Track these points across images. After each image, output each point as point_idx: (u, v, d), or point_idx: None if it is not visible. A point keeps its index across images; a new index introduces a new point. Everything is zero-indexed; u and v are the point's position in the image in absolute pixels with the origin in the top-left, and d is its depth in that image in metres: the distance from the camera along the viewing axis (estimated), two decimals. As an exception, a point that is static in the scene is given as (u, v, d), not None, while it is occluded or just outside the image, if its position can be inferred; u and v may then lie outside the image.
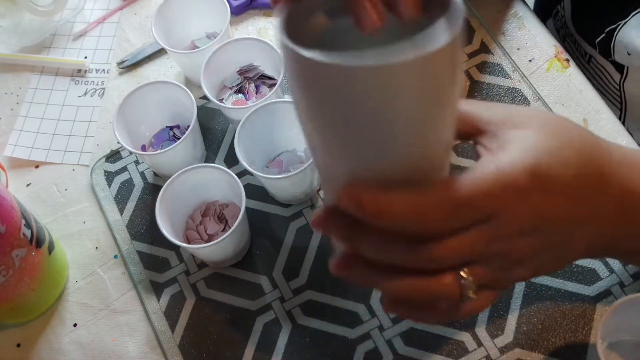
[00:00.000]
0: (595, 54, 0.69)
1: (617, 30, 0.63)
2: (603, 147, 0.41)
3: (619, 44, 0.63)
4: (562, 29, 0.75)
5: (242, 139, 0.58)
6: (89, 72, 0.74)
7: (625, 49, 0.63)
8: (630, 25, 0.62)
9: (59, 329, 0.61)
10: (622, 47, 0.63)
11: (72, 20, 0.78)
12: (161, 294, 0.61)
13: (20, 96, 0.74)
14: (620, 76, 0.67)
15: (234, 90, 0.67)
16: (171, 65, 0.73)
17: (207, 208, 0.62)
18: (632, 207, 0.41)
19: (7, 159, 0.70)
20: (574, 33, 0.72)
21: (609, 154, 0.41)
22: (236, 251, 0.60)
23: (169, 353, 0.58)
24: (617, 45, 0.64)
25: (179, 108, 0.64)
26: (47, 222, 0.66)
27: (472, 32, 0.69)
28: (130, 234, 0.64)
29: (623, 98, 0.69)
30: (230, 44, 0.64)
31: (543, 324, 0.55)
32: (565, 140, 0.39)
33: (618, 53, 0.64)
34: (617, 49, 0.64)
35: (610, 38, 0.64)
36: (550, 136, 0.38)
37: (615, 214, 0.40)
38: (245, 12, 0.75)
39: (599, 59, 0.69)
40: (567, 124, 0.40)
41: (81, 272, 0.63)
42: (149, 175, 0.67)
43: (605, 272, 0.57)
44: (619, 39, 0.63)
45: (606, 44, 0.65)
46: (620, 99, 0.70)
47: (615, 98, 0.70)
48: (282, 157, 0.64)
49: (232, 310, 0.59)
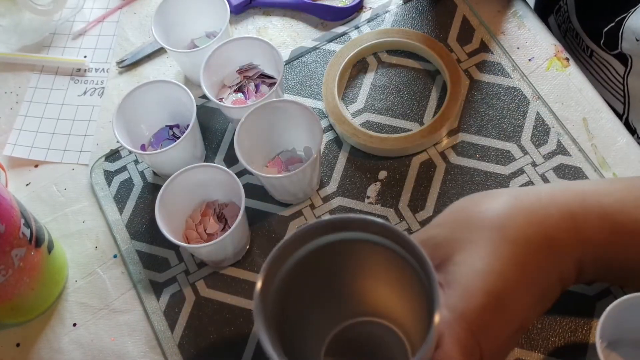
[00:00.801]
0: (597, 49, 0.69)
1: (626, 19, 0.63)
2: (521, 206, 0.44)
3: (627, 30, 0.63)
4: (564, 24, 0.75)
5: (242, 138, 0.58)
6: (89, 71, 0.74)
7: (634, 36, 0.62)
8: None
9: (59, 329, 0.61)
10: (631, 33, 0.63)
11: (72, 20, 0.78)
12: (161, 293, 0.61)
13: (20, 95, 0.74)
14: (625, 69, 0.67)
15: (233, 90, 0.67)
16: (171, 64, 0.73)
17: (206, 207, 0.62)
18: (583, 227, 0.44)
19: (7, 158, 0.70)
20: (577, 28, 0.72)
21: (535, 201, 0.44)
22: (236, 251, 0.60)
23: (169, 352, 0.58)
24: (625, 32, 0.63)
25: (179, 107, 0.64)
26: (46, 222, 0.66)
27: (471, 31, 0.69)
28: (130, 233, 0.64)
29: (626, 92, 0.69)
30: (229, 43, 0.64)
31: (542, 324, 0.55)
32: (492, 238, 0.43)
33: (626, 40, 0.64)
34: (625, 35, 0.64)
35: (619, 26, 0.64)
36: (481, 252, 0.42)
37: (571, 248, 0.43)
38: (245, 11, 0.75)
39: (602, 53, 0.69)
40: (480, 215, 0.44)
41: (81, 272, 0.63)
42: (148, 174, 0.67)
43: (605, 272, 0.56)
44: (627, 26, 0.63)
45: (614, 33, 0.65)
46: (623, 93, 0.70)
47: (619, 92, 0.70)
48: (282, 156, 0.64)
49: (231, 310, 0.59)
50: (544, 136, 0.63)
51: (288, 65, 0.70)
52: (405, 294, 0.47)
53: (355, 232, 0.44)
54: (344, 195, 0.63)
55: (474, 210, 0.45)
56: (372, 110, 0.66)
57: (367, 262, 0.47)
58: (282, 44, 0.72)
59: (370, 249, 0.44)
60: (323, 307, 0.50)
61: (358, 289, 0.50)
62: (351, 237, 0.44)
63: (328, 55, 0.70)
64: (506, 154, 0.63)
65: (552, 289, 0.44)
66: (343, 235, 0.44)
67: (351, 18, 0.72)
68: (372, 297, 0.51)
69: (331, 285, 0.49)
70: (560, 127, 0.63)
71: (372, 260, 0.46)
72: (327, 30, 0.72)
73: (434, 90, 0.67)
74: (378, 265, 0.46)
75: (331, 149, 0.65)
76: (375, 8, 0.73)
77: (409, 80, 0.67)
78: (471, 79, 0.66)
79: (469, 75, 0.67)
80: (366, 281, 0.49)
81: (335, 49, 0.70)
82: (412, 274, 0.43)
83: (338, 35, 0.71)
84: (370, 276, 0.48)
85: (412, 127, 0.65)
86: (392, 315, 0.52)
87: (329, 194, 0.63)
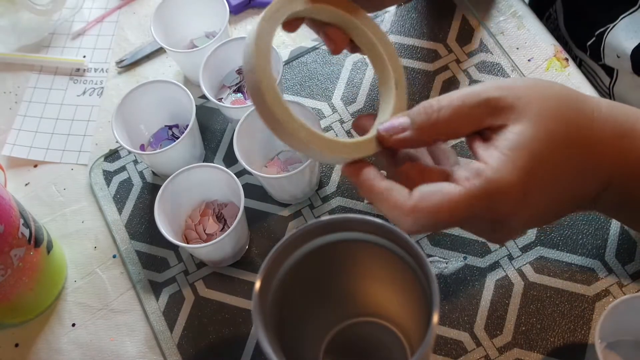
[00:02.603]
0: (586, 58, 0.69)
1: (606, 34, 0.63)
2: (588, 110, 0.43)
3: (608, 46, 0.63)
4: (555, 32, 0.75)
5: (241, 138, 0.58)
6: (88, 71, 0.74)
7: (614, 52, 0.63)
8: (619, 28, 0.62)
9: (58, 329, 0.61)
10: (612, 50, 0.63)
11: (71, 19, 0.77)
12: (160, 293, 0.61)
13: (19, 95, 0.74)
14: (610, 80, 0.67)
15: (232, 90, 0.67)
16: (170, 64, 0.73)
17: (206, 207, 0.62)
18: (626, 148, 0.42)
19: (6, 158, 0.70)
20: (566, 36, 0.72)
21: (595, 110, 0.43)
22: (235, 251, 0.60)
23: (168, 353, 0.58)
24: (606, 48, 0.64)
25: (178, 107, 0.64)
26: (45, 222, 0.66)
27: (471, 31, 0.69)
28: (129, 233, 0.64)
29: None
30: (229, 43, 0.64)
31: (542, 324, 0.55)
32: (557, 124, 0.41)
33: (608, 56, 0.64)
34: (606, 52, 0.64)
35: (600, 41, 0.64)
36: (543, 127, 0.40)
37: (611, 160, 0.42)
38: (244, 11, 0.75)
39: (590, 63, 0.69)
40: (558, 101, 0.42)
41: (80, 272, 0.63)
42: (147, 174, 0.67)
43: (604, 272, 0.57)
44: (608, 42, 0.63)
45: (596, 48, 0.65)
46: None
47: None
48: (281, 156, 0.64)
49: (230, 310, 0.59)
50: (543, 136, 0.63)
51: (287, 65, 0.70)
52: (403, 294, 0.47)
53: (354, 232, 0.44)
54: (343, 195, 0.63)
55: (542, 95, 0.43)
56: (372, 109, 0.66)
57: (366, 262, 0.47)
58: (281, 44, 0.72)
59: (369, 249, 0.44)
60: (322, 307, 0.50)
61: (357, 289, 0.50)
62: (350, 237, 0.44)
63: (327, 55, 0.70)
64: (505, 154, 0.62)
65: (584, 190, 0.43)
66: (342, 235, 0.44)
67: (350, 18, 0.72)
68: (371, 297, 0.51)
69: (330, 285, 0.49)
70: (560, 127, 0.63)
71: (371, 260, 0.46)
72: (326, 30, 0.72)
73: (434, 90, 0.67)
74: (377, 265, 0.46)
75: (330, 149, 0.65)
76: (375, 8, 0.72)
77: (409, 80, 0.67)
78: (470, 79, 0.66)
79: (469, 75, 0.67)
80: (365, 281, 0.49)
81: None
82: (411, 274, 0.43)
83: (337, 36, 0.71)
84: (369, 276, 0.48)
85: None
86: (390, 315, 0.52)
87: (329, 194, 0.63)
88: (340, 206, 0.62)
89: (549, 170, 0.40)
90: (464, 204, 0.39)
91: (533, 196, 0.40)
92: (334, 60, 0.70)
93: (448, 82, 0.67)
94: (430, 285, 0.39)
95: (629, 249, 0.57)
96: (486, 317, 0.56)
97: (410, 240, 0.41)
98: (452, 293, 0.57)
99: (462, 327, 0.56)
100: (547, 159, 0.40)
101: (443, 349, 0.55)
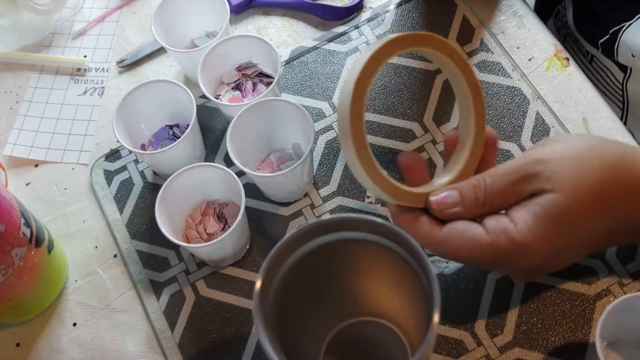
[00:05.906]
0: (597, 54, 0.69)
1: (621, 32, 0.63)
2: (628, 160, 0.47)
3: (623, 45, 0.63)
4: (563, 29, 0.75)
5: (234, 136, 0.58)
6: (89, 71, 0.74)
7: (629, 51, 0.63)
8: (636, 27, 0.62)
9: (59, 329, 0.61)
10: (627, 48, 0.63)
11: (72, 19, 0.78)
12: (161, 293, 0.61)
13: (20, 95, 0.74)
14: (624, 76, 0.67)
15: (231, 87, 0.67)
16: (171, 64, 0.73)
17: (206, 207, 0.62)
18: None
19: (7, 158, 0.70)
20: (576, 33, 0.72)
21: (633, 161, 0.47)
22: (236, 250, 0.60)
23: (169, 352, 0.58)
24: (621, 47, 0.63)
25: (179, 107, 0.64)
26: (46, 221, 0.66)
27: (471, 30, 0.69)
28: (130, 233, 0.64)
29: (625, 97, 0.69)
30: (229, 41, 0.64)
31: (542, 323, 0.55)
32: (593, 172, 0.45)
33: (622, 54, 0.64)
34: (621, 50, 0.64)
35: (614, 39, 0.64)
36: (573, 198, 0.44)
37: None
38: (245, 11, 0.75)
39: (602, 58, 0.69)
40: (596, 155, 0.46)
41: (81, 272, 0.63)
42: (148, 174, 0.67)
43: (605, 272, 0.57)
44: (623, 40, 0.63)
45: (610, 45, 0.65)
46: (622, 99, 0.70)
47: (617, 97, 0.70)
48: (272, 156, 0.64)
49: (231, 310, 0.59)
50: (544, 136, 0.63)
51: (288, 65, 0.70)
52: (404, 294, 0.47)
53: (355, 232, 0.44)
54: (343, 195, 0.63)
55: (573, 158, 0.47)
56: (372, 109, 0.66)
57: (367, 262, 0.47)
58: (282, 44, 0.72)
59: (369, 248, 0.44)
60: (323, 307, 0.50)
61: (357, 288, 0.50)
62: (350, 237, 0.44)
63: (328, 54, 0.70)
64: (506, 154, 0.63)
65: (615, 230, 0.47)
66: (342, 235, 0.44)
67: (351, 18, 0.72)
68: (372, 297, 0.51)
69: (331, 285, 0.49)
70: (560, 126, 0.63)
71: (372, 260, 0.46)
72: (327, 30, 0.72)
73: (434, 90, 0.67)
74: (377, 265, 0.46)
75: (331, 149, 0.65)
76: (375, 8, 0.73)
77: (409, 80, 0.67)
78: (471, 78, 0.66)
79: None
80: (366, 281, 0.49)
81: (335, 49, 0.70)
82: (412, 273, 0.43)
83: (338, 35, 0.71)
84: (369, 276, 0.48)
85: (412, 127, 0.65)
86: (391, 314, 0.52)
87: (329, 194, 0.63)
88: (341, 206, 0.62)
89: (577, 231, 0.45)
90: (488, 253, 0.44)
91: (558, 255, 0.46)
92: (334, 60, 0.70)
93: (448, 81, 0.66)
94: (431, 284, 0.39)
95: (629, 248, 0.57)
96: (487, 317, 0.56)
97: (411, 240, 0.41)
98: (452, 292, 0.57)
99: (463, 326, 0.56)
100: (575, 224, 0.45)
101: (444, 349, 0.55)
